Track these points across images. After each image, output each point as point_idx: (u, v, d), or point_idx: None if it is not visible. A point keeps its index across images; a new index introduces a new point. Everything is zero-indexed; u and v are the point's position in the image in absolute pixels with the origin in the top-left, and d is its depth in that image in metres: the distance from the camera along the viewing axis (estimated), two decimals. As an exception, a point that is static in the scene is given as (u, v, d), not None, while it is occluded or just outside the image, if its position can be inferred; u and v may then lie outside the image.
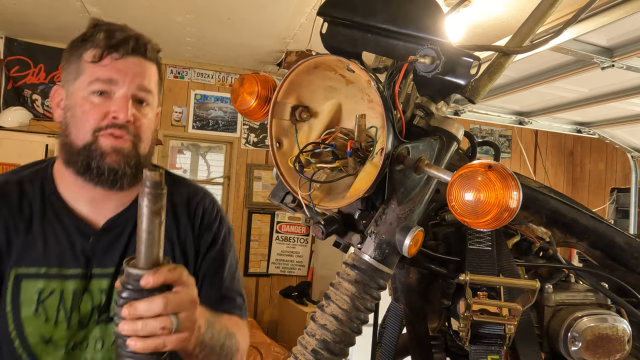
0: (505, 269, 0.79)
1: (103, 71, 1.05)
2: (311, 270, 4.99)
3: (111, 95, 1.06)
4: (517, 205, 0.58)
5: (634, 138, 3.44)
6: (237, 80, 0.80)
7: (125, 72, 1.06)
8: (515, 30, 0.82)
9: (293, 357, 0.69)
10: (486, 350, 0.75)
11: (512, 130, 5.83)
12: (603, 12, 1.61)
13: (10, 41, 4.42)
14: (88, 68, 1.06)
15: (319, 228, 0.71)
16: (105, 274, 1.10)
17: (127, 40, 1.07)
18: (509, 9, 3.15)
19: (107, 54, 1.06)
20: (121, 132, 1.06)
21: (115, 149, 1.05)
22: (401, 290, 0.90)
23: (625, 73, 2.16)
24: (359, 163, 0.70)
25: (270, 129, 0.75)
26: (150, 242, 0.74)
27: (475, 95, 0.79)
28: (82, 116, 1.06)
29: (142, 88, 1.08)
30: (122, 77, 1.06)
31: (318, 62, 0.71)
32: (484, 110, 3.10)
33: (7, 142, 3.91)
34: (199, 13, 3.62)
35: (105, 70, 1.05)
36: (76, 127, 1.07)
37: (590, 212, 0.93)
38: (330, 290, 0.70)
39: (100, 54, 1.05)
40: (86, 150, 1.05)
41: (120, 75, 1.06)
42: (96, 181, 1.06)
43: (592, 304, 0.85)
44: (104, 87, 1.05)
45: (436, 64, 0.66)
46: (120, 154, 1.06)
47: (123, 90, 1.06)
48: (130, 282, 0.76)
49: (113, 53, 1.06)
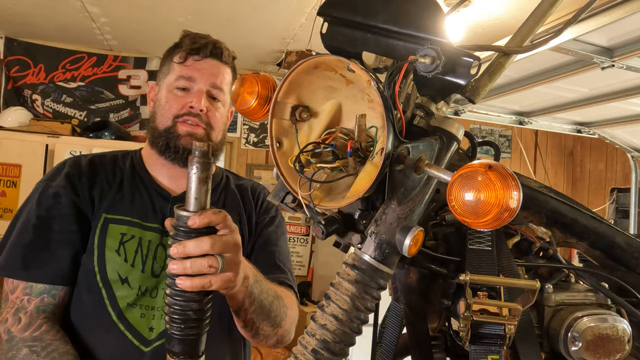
0: (505, 269, 0.79)
1: (186, 70, 1.29)
2: (311, 270, 4.99)
3: (190, 90, 1.29)
4: (517, 205, 0.58)
5: (634, 138, 3.44)
6: (237, 80, 0.80)
7: (203, 72, 1.29)
8: (515, 30, 0.82)
9: (293, 357, 0.69)
10: (486, 350, 0.75)
11: (512, 130, 5.83)
12: (603, 12, 1.61)
13: (10, 41, 4.43)
14: (175, 68, 1.31)
15: (319, 228, 0.71)
16: None
17: (207, 44, 1.30)
18: (509, 9, 3.15)
19: (190, 55, 1.29)
20: (195, 119, 1.28)
21: (189, 133, 1.27)
22: (401, 290, 0.90)
23: (625, 73, 2.16)
24: (359, 163, 0.70)
25: (270, 129, 0.75)
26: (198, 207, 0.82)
27: (475, 95, 0.79)
28: (166, 105, 1.30)
29: (215, 86, 1.30)
30: (199, 75, 1.29)
31: (318, 62, 0.71)
32: (484, 110, 3.10)
33: (7, 142, 3.92)
34: (199, 13, 3.62)
35: (187, 69, 1.29)
36: (160, 114, 1.31)
37: (590, 212, 0.93)
38: (330, 290, 0.70)
39: (185, 56, 1.30)
40: (167, 132, 1.28)
41: (198, 74, 1.29)
42: (173, 158, 1.29)
43: (592, 304, 0.85)
44: (185, 83, 1.29)
45: (436, 64, 0.66)
46: (194, 137, 1.27)
47: (199, 86, 1.29)
48: (180, 224, 0.82)
49: (194, 55, 1.29)
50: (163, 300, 1.19)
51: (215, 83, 1.30)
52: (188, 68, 1.29)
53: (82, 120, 4.59)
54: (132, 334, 1.19)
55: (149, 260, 1.23)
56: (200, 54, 1.29)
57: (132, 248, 1.22)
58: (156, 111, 1.32)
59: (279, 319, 1.20)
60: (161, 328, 1.20)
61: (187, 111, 1.27)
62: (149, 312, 1.21)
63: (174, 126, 1.28)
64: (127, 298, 1.20)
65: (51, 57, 4.54)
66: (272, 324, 1.19)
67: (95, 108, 4.66)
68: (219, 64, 1.32)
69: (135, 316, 1.20)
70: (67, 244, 1.20)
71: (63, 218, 1.21)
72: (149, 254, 1.23)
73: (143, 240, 1.24)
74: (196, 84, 1.29)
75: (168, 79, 1.31)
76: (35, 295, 1.17)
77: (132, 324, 1.19)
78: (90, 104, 4.66)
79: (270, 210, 1.44)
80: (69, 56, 4.60)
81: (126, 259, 1.21)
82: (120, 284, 1.20)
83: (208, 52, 1.30)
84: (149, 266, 1.22)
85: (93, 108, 4.66)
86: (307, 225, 5.08)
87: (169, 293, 0.82)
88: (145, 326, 1.20)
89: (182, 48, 1.30)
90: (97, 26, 4.03)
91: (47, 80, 4.54)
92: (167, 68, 1.33)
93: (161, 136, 1.29)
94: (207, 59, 1.30)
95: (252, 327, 1.15)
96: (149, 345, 1.19)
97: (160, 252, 1.24)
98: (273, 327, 1.20)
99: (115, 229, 1.23)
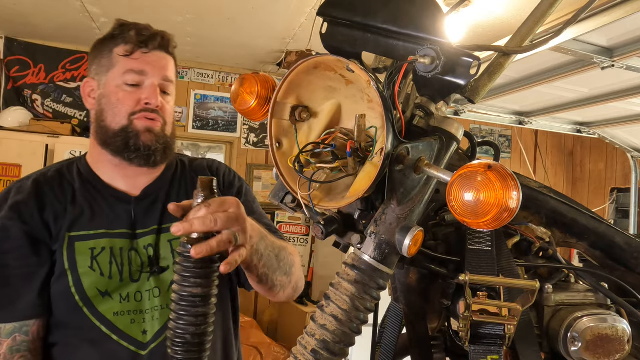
0: (505, 269, 0.79)
1: (135, 63, 1.21)
2: (311, 271, 4.99)
3: (141, 85, 1.22)
4: (517, 205, 0.58)
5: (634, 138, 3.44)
6: (237, 81, 0.80)
7: (153, 65, 1.23)
8: (515, 30, 0.82)
9: (293, 357, 0.69)
10: (486, 351, 0.75)
11: (512, 130, 5.83)
12: (603, 12, 1.61)
13: (10, 41, 4.42)
14: (120, 61, 1.22)
15: (319, 228, 0.71)
16: (148, 231, 1.24)
17: (155, 36, 1.23)
18: (509, 9, 3.15)
19: (138, 48, 1.21)
20: (153, 115, 1.22)
21: (148, 129, 1.21)
22: (401, 290, 0.90)
23: (625, 73, 2.16)
24: (359, 163, 0.70)
25: (270, 129, 0.75)
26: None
27: (475, 95, 0.79)
28: (117, 103, 1.21)
29: (166, 79, 1.25)
30: (151, 68, 1.22)
31: (318, 62, 0.71)
32: (484, 110, 3.10)
33: (7, 142, 3.91)
34: (199, 13, 3.62)
35: (136, 62, 1.21)
36: (112, 113, 1.22)
37: (590, 212, 0.93)
38: (330, 291, 0.70)
39: (132, 49, 1.21)
40: (123, 131, 1.21)
41: (150, 67, 1.22)
42: (133, 157, 1.22)
43: (592, 304, 0.85)
44: (136, 77, 1.21)
45: (436, 64, 0.66)
46: (153, 133, 1.22)
47: (152, 80, 1.22)
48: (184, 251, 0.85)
49: (143, 48, 1.22)
50: (150, 302, 1.19)
51: (166, 76, 1.25)
52: (137, 61, 1.21)
53: (82, 120, 4.59)
54: (127, 341, 1.17)
55: (125, 267, 1.20)
56: (149, 47, 1.22)
57: (106, 260, 1.18)
58: (105, 109, 1.23)
59: (289, 267, 1.21)
60: (156, 329, 1.19)
61: (142, 107, 1.21)
62: (138, 316, 1.19)
63: (130, 124, 1.21)
64: (113, 309, 1.17)
65: (51, 57, 4.54)
66: (284, 272, 1.19)
67: (95, 108, 4.65)
68: (166, 55, 1.27)
69: (125, 323, 1.17)
70: (28, 277, 1.14)
71: (17, 251, 1.14)
72: (124, 261, 1.20)
73: (114, 249, 1.20)
74: (148, 78, 1.22)
75: (113, 73, 1.22)
76: (5, 336, 1.11)
77: (125, 332, 1.17)
78: (90, 104, 4.65)
79: (233, 183, 1.40)
80: (69, 56, 4.60)
81: (102, 272, 1.17)
82: (101, 298, 1.17)
83: (156, 44, 1.23)
84: (126, 273, 1.19)
85: (93, 108, 4.65)
86: (307, 225, 5.08)
87: (173, 317, 0.83)
88: (138, 331, 1.18)
89: (125, 40, 1.22)
90: (97, 26, 4.03)
91: (47, 80, 4.53)
92: (108, 61, 1.23)
93: (117, 136, 1.21)
94: (156, 52, 1.24)
95: (267, 280, 1.15)
96: (147, 348, 1.17)
97: (134, 256, 1.21)
98: (287, 276, 1.21)
99: (83, 245, 1.18)
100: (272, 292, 1.21)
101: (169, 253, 1.23)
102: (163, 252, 1.23)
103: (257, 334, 4.14)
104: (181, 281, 0.82)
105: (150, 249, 1.22)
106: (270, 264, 1.13)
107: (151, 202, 1.27)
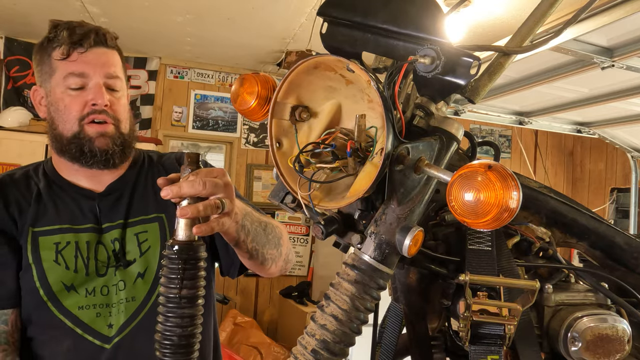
0: (505, 269, 0.79)
1: (73, 66, 1.17)
2: (311, 270, 4.99)
3: (85, 87, 1.18)
4: (517, 205, 0.58)
5: (634, 138, 3.44)
6: (237, 81, 0.80)
7: (94, 64, 1.18)
8: (515, 30, 0.82)
9: (293, 357, 0.69)
10: (486, 351, 0.75)
11: (512, 130, 5.82)
12: (603, 12, 1.61)
13: (10, 41, 4.42)
14: (59, 65, 1.18)
15: (319, 228, 0.71)
16: (114, 225, 1.23)
17: (88, 34, 1.18)
18: (509, 9, 3.15)
19: (73, 49, 1.17)
20: (102, 116, 1.19)
21: (100, 134, 1.19)
22: (401, 290, 0.90)
23: (625, 73, 2.16)
24: (359, 163, 0.70)
25: (270, 129, 0.75)
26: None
27: (475, 95, 0.79)
28: (65, 109, 1.19)
29: (110, 76, 1.21)
30: (91, 68, 1.18)
31: (318, 62, 0.71)
32: (484, 110, 3.09)
33: (7, 142, 3.91)
34: (199, 13, 3.62)
35: (75, 64, 1.17)
36: (62, 120, 1.20)
37: (590, 212, 0.93)
38: (330, 291, 0.70)
39: (67, 51, 1.17)
40: (76, 138, 1.19)
41: (90, 67, 1.18)
42: (90, 163, 1.20)
43: (592, 304, 0.85)
44: (78, 80, 1.17)
45: (436, 64, 0.66)
46: (106, 137, 1.20)
47: (95, 80, 1.18)
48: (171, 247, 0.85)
49: (78, 48, 1.17)
50: (117, 296, 1.19)
51: (110, 72, 1.20)
52: (75, 63, 1.17)
53: (82, 120, 4.59)
54: (92, 335, 1.16)
55: (91, 261, 1.19)
56: (84, 45, 1.17)
57: (71, 254, 1.18)
58: (54, 117, 1.21)
59: (277, 239, 1.21)
60: (121, 322, 1.18)
61: (90, 110, 1.18)
62: (104, 309, 1.18)
63: (81, 130, 1.18)
64: (78, 303, 1.17)
65: (51, 57, 4.54)
66: (274, 245, 1.19)
67: (95, 108, 4.66)
68: (106, 50, 1.21)
69: (91, 317, 1.17)
70: (3, 265, 1.15)
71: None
72: (89, 254, 1.19)
73: (80, 243, 1.19)
74: (90, 78, 1.18)
75: (55, 79, 1.19)
76: None
77: (90, 325, 1.17)
78: (90, 104, 4.65)
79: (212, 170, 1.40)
80: (69, 56, 4.60)
81: (67, 266, 1.17)
82: (66, 292, 1.16)
83: (92, 42, 1.18)
84: (92, 267, 1.19)
85: (93, 108, 4.65)
86: (307, 225, 5.08)
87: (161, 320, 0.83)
88: (103, 324, 1.17)
89: (59, 42, 1.17)
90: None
91: (47, 80, 4.53)
92: (49, 67, 1.20)
93: (71, 143, 1.19)
94: (93, 49, 1.18)
95: (257, 255, 1.14)
96: (111, 342, 1.17)
97: (101, 250, 1.20)
98: (276, 248, 1.20)
99: (47, 240, 1.18)
100: (264, 266, 1.20)
101: (135, 247, 1.23)
102: (129, 246, 1.23)
103: (257, 334, 4.14)
104: (167, 283, 0.82)
105: (117, 243, 1.22)
106: (259, 238, 1.12)
107: (116, 198, 1.26)
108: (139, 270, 1.22)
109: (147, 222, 1.26)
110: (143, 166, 1.34)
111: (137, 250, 1.23)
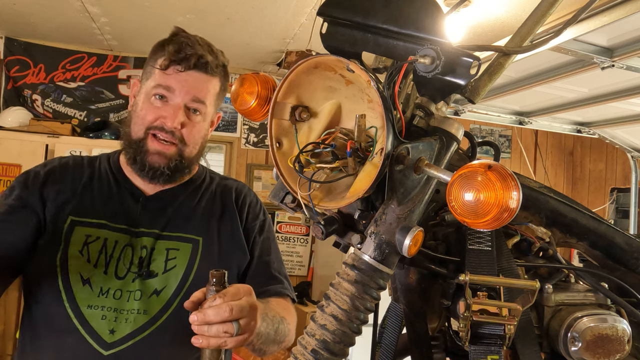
0: (505, 269, 0.79)
1: (166, 79, 1.22)
2: (311, 271, 4.99)
3: (168, 101, 1.23)
4: (517, 205, 0.58)
5: (634, 138, 3.44)
6: (237, 81, 0.80)
7: (183, 84, 1.22)
8: (515, 31, 0.82)
9: (293, 357, 0.69)
10: (486, 351, 0.75)
11: (512, 130, 5.83)
12: (603, 12, 1.61)
13: (10, 41, 4.43)
14: (156, 73, 1.23)
15: (319, 228, 0.71)
16: (148, 232, 1.25)
17: (190, 58, 1.21)
18: (509, 9, 3.15)
19: (172, 65, 1.21)
20: (167, 135, 1.23)
21: (158, 152, 1.23)
22: (401, 290, 0.90)
23: (625, 73, 2.16)
24: (359, 163, 0.70)
25: (270, 129, 0.75)
26: None
27: (475, 95, 0.79)
28: (141, 113, 1.24)
29: (196, 100, 1.24)
30: (179, 87, 1.22)
31: (318, 62, 0.71)
32: (484, 110, 3.10)
33: (7, 142, 3.91)
34: (199, 13, 3.62)
35: (168, 78, 1.22)
36: (135, 121, 1.25)
37: (590, 212, 0.93)
38: (330, 291, 0.70)
39: (167, 65, 1.22)
40: (137, 144, 1.24)
41: (178, 86, 1.22)
42: (139, 172, 1.26)
43: (592, 304, 0.85)
44: (164, 92, 1.22)
45: (436, 64, 0.66)
46: (162, 157, 1.23)
47: (177, 100, 1.22)
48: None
49: (177, 65, 1.21)
50: (129, 304, 1.18)
51: (197, 96, 1.24)
52: (169, 77, 1.22)
53: (82, 120, 4.59)
54: (92, 337, 1.15)
55: (113, 261, 1.20)
56: (183, 65, 1.21)
57: (96, 248, 1.20)
58: (132, 115, 1.27)
59: (283, 338, 1.23)
60: (126, 332, 1.16)
61: (160, 125, 1.22)
62: (111, 314, 1.17)
63: (145, 139, 1.23)
64: (88, 300, 1.16)
65: (51, 57, 4.54)
66: (278, 344, 1.22)
67: (95, 108, 4.66)
68: (203, 75, 1.24)
69: (96, 318, 1.16)
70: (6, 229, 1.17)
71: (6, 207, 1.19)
72: (114, 254, 1.20)
73: (109, 241, 1.21)
74: (175, 96, 1.22)
75: (148, 83, 1.25)
76: None
77: (93, 327, 1.16)
78: (90, 104, 4.66)
79: (258, 216, 1.41)
80: (69, 56, 4.60)
81: (89, 259, 1.19)
82: (81, 285, 1.17)
83: (191, 65, 1.21)
84: (112, 267, 1.19)
85: (93, 108, 4.66)
86: (307, 225, 5.08)
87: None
88: (105, 328, 1.16)
89: (165, 54, 1.22)
90: (97, 26, 4.03)
91: (47, 80, 4.54)
92: (150, 70, 1.26)
93: (131, 147, 1.25)
94: (190, 72, 1.22)
95: (259, 352, 1.18)
96: (109, 349, 1.15)
97: (127, 253, 1.21)
98: (279, 344, 1.23)
99: (81, 231, 1.21)
100: (261, 356, 1.25)
101: (162, 261, 1.23)
102: (157, 258, 1.23)
103: (257, 334, 4.13)
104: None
105: (145, 251, 1.22)
106: (268, 340, 1.14)
107: (160, 207, 1.28)
108: (156, 287, 1.22)
109: (182, 240, 1.27)
110: (201, 185, 1.37)
111: (163, 265, 1.23)
